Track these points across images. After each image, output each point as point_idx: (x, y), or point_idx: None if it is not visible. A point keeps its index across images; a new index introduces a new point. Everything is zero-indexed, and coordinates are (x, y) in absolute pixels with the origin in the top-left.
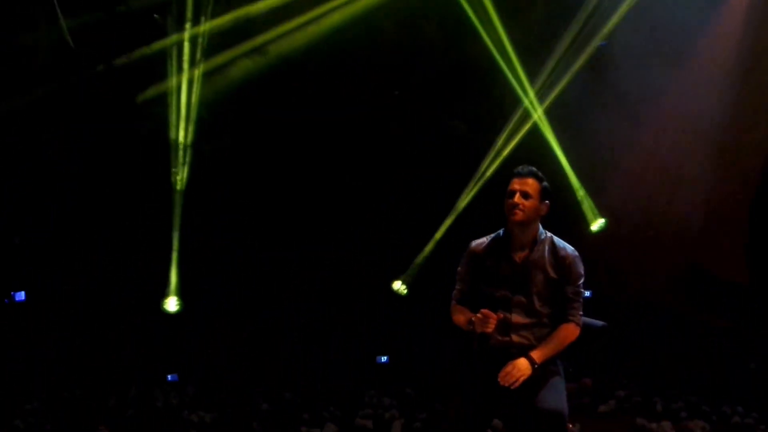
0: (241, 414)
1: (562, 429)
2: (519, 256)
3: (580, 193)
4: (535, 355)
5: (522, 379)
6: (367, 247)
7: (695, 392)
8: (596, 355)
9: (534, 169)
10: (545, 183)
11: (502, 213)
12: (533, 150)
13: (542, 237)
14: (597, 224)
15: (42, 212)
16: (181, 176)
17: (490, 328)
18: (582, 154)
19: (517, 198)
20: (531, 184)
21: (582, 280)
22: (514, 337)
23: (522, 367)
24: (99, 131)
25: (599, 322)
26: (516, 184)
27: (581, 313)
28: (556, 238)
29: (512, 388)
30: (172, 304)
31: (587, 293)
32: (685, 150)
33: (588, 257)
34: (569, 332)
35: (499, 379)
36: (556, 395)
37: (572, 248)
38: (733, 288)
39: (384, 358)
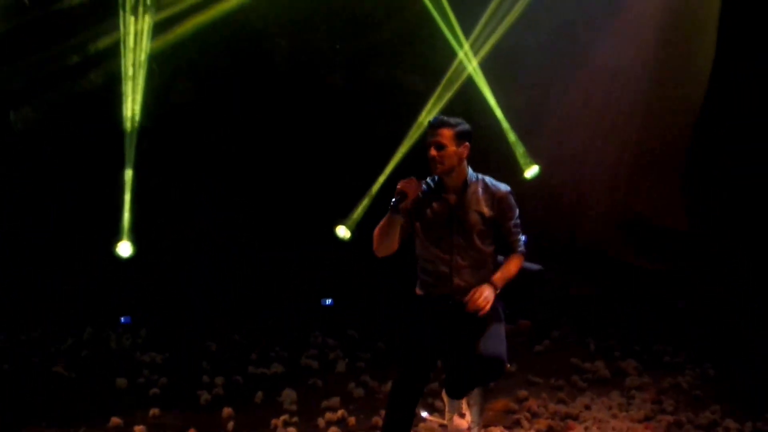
0: (190, 354)
1: (502, 372)
2: (452, 198)
3: (512, 139)
4: (496, 279)
5: (489, 304)
6: (311, 192)
7: (628, 333)
8: (532, 297)
9: (443, 117)
10: (460, 127)
11: None
12: (469, 100)
13: (473, 179)
14: (531, 171)
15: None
16: (132, 121)
17: (414, 185)
18: (516, 103)
19: (432, 151)
20: (442, 134)
21: (517, 213)
22: (457, 281)
23: (486, 292)
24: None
25: (535, 266)
26: (429, 137)
27: (522, 245)
28: (487, 178)
29: (480, 314)
30: (124, 248)
31: (523, 237)
32: (616, 101)
33: (523, 203)
34: (517, 261)
35: (467, 306)
36: (497, 341)
37: (504, 185)
38: (665, 231)
39: (328, 301)
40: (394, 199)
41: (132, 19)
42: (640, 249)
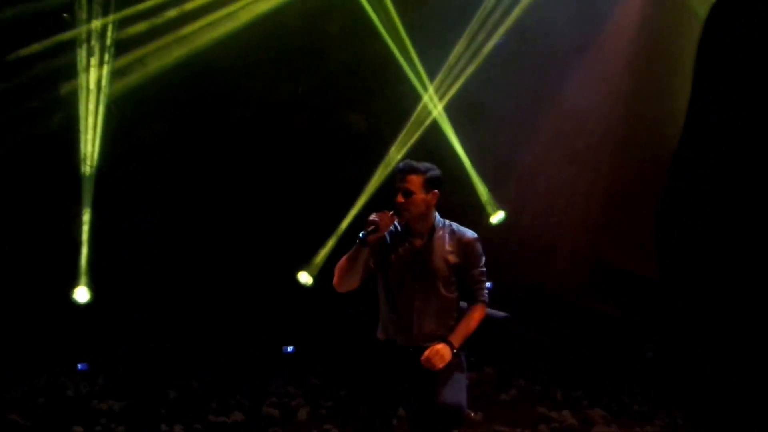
0: (149, 402)
1: (461, 421)
2: (417, 242)
3: (480, 186)
4: (454, 339)
5: (443, 365)
6: (272, 240)
7: (595, 382)
8: (498, 345)
9: (412, 163)
10: (430, 173)
11: None
12: (434, 145)
13: (440, 224)
14: (497, 217)
15: None
16: (91, 163)
17: (387, 219)
18: (482, 148)
19: (399, 197)
20: (411, 180)
21: (483, 261)
22: (417, 329)
23: (443, 353)
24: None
25: (501, 313)
26: (397, 182)
27: (486, 293)
28: (454, 225)
29: (435, 371)
30: (81, 294)
31: (489, 284)
32: (587, 139)
33: (490, 249)
34: (479, 312)
35: (422, 363)
36: (456, 390)
37: (471, 231)
38: (634, 279)
39: (290, 348)
40: (364, 231)
41: (92, 60)
42: (607, 295)
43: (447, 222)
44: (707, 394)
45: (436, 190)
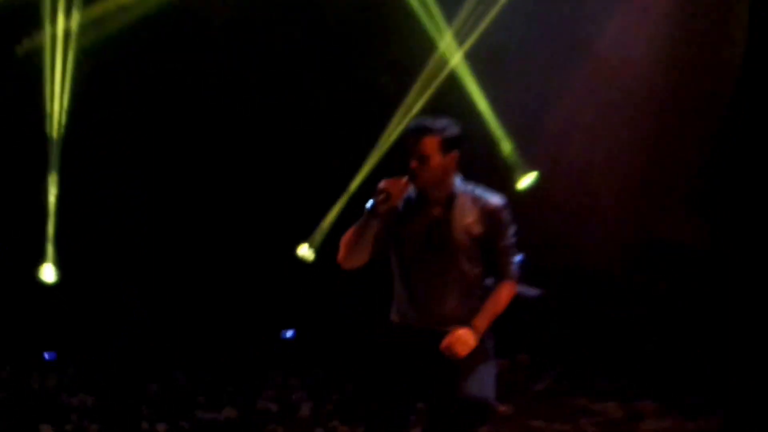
0: (126, 397)
1: (488, 417)
2: (435, 211)
3: (503, 143)
4: (478, 322)
5: (466, 352)
6: (269, 206)
7: (643, 369)
8: (531, 327)
9: (426, 122)
10: (447, 132)
11: None
12: (452, 99)
13: (461, 190)
14: (526, 180)
15: None
16: (58, 126)
17: (399, 186)
18: (508, 101)
19: (413, 163)
20: (426, 143)
21: (513, 231)
22: (438, 310)
23: (466, 338)
24: None
25: (534, 291)
26: (410, 145)
27: (515, 267)
28: (478, 189)
29: (458, 359)
30: (48, 272)
31: (519, 257)
32: (625, 98)
33: (519, 217)
34: (508, 291)
35: (442, 350)
36: (482, 381)
37: (498, 196)
38: (683, 250)
39: (289, 333)
40: (373, 200)
41: (59, 16)
42: (654, 269)
43: (469, 186)
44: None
45: (455, 152)
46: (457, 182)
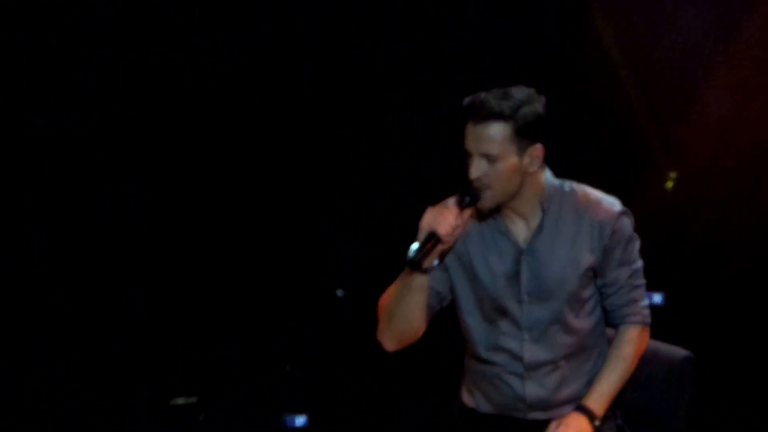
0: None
1: None
2: (520, 232)
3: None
4: (593, 403)
5: None
6: (269, 210)
7: None
8: (674, 401)
9: (488, 98)
10: (523, 111)
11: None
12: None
13: (554, 197)
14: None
15: None
16: None
17: (452, 218)
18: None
19: (474, 169)
20: (494, 135)
21: (637, 247)
22: (532, 387)
23: (577, 426)
24: None
25: (680, 351)
26: (471, 140)
27: (645, 303)
28: (580, 190)
29: None
30: None
31: (658, 298)
32: None
33: (657, 234)
34: (637, 342)
35: None
36: None
37: (613, 200)
38: None
39: (300, 421)
40: (417, 246)
41: None
42: None
43: (568, 186)
44: None
45: (539, 143)
46: (549, 184)
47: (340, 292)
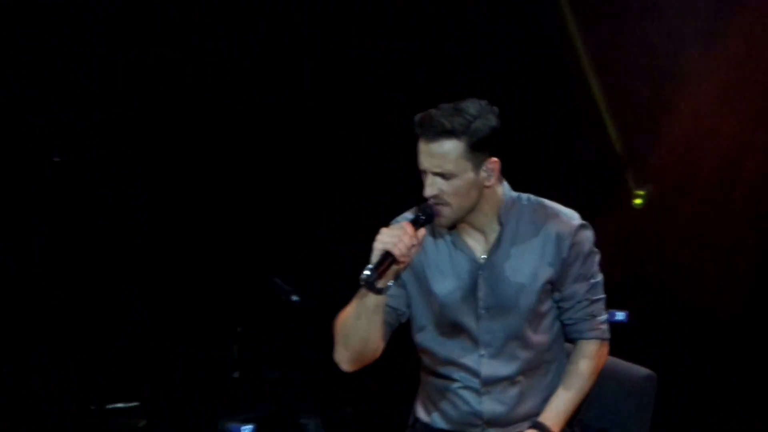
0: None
1: None
2: (476, 247)
3: (613, 137)
4: (549, 420)
5: None
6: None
7: None
8: (635, 420)
9: (438, 115)
10: (476, 125)
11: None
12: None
13: (512, 210)
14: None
15: None
16: None
17: (407, 238)
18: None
19: (428, 187)
20: (447, 152)
21: (596, 261)
22: (489, 403)
23: None
24: None
25: (642, 370)
26: (424, 158)
27: (604, 317)
28: (538, 203)
29: None
30: None
31: (621, 315)
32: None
33: (624, 250)
34: (595, 358)
35: None
36: None
37: (571, 213)
38: None
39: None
40: (371, 266)
41: None
42: None
43: (526, 198)
44: None
45: (493, 157)
46: (507, 197)
47: (295, 297)
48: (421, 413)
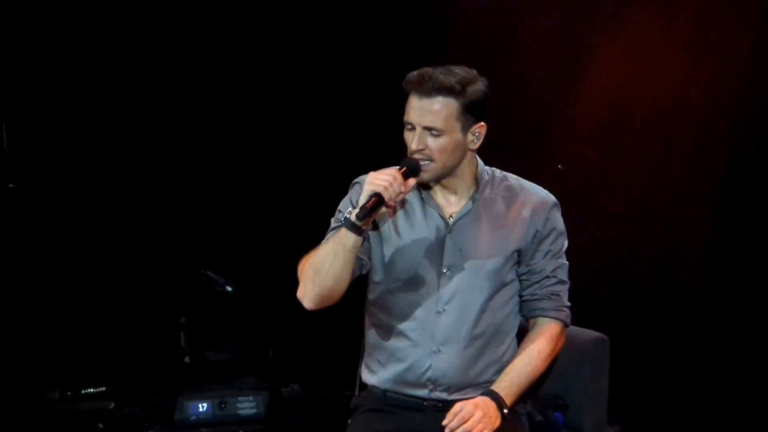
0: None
1: None
2: (448, 210)
3: None
4: (503, 391)
5: None
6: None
7: None
8: (589, 385)
9: (435, 73)
10: (471, 89)
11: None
12: None
13: (488, 179)
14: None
15: None
16: None
17: (395, 183)
18: None
19: (416, 141)
20: (441, 109)
21: (565, 245)
22: (442, 364)
23: (487, 414)
24: None
25: (594, 333)
26: (415, 113)
27: (568, 303)
28: (513, 178)
29: None
30: None
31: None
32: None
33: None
34: (555, 341)
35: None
36: None
37: (545, 192)
38: None
39: (203, 407)
40: (360, 208)
41: None
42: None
43: (499, 173)
44: None
45: (481, 122)
46: (481, 167)
47: (229, 288)
48: (366, 375)
